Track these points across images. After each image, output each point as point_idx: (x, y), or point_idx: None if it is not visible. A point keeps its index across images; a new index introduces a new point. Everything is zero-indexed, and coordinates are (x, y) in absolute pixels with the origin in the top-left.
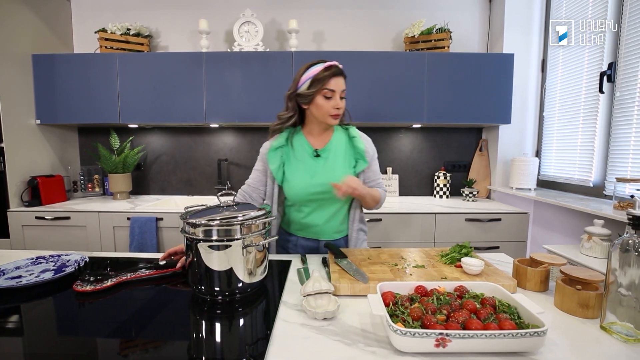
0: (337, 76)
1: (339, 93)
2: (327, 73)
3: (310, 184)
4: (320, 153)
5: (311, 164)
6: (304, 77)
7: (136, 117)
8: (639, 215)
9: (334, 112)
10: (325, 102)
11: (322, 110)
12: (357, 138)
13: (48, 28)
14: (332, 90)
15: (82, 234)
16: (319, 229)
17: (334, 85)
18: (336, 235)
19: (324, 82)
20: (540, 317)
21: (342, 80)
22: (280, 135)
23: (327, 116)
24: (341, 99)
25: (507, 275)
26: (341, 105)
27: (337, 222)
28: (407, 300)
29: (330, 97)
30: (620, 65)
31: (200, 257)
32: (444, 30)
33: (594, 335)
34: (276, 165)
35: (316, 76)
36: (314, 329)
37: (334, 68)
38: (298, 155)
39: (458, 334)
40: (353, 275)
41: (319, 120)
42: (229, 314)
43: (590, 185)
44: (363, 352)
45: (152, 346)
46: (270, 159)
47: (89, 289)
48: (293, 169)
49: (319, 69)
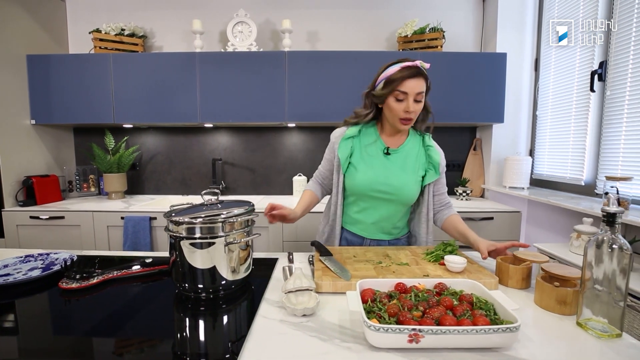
0: (414, 78)
1: (413, 96)
2: (401, 74)
3: (376, 181)
4: (392, 152)
5: (381, 161)
6: (381, 76)
7: (130, 117)
8: (612, 212)
9: (404, 116)
10: (397, 105)
11: (392, 113)
12: (433, 148)
13: (43, 29)
14: (405, 93)
15: (76, 234)
16: (367, 226)
17: (408, 88)
18: (383, 235)
19: (396, 83)
20: (514, 314)
21: (419, 83)
22: (355, 128)
23: (397, 119)
24: (417, 102)
25: (489, 273)
26: (413, 109)
27: (389, 226)
28: (385, 297)
29: (402, 99)
30: (610, 64)
31: (183, 255)
32: (437, 29)
33: (570, 332)
34: (346, 155)
35: (390, 77)
36: (292, 325)
37: (410, 69)
38: (369, 150)
39: (431, 330)
40: (336, 273)
41: (390, 122)
42: (212, 310)
43: (582, 183)
44: (338, 347)
45: (133, 342)
46: (341, 147)
47: (74, 286)
48: (361, 161)
49: (395, 70)
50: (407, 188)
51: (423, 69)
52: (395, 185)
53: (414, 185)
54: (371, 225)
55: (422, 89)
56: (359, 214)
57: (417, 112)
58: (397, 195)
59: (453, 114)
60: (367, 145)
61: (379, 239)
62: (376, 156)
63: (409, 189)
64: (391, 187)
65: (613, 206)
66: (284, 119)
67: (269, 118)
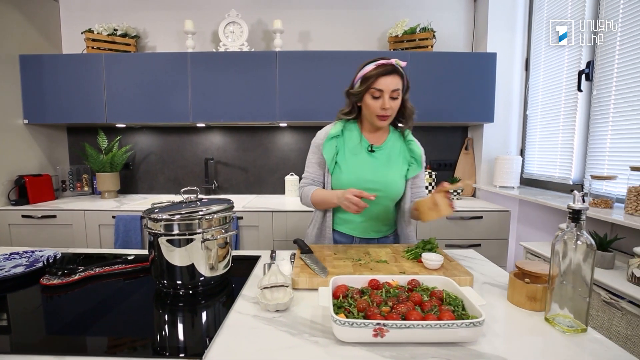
0: (389, 75)
1: (389, 93)
2: (376, 72)
3: (363, 179)
4: (376, 149)
5: (366, 159)
6: (358, 75)
7: (123, 117)
8: (577, 209)
9: (381, 113)
10: (373, 102)
11: (369, 110)
12: (414, 142)
13: (36, 29)
14: (380, 90)
15: (68, 233)
16: (356, 225)
17: (383, 85)
18: (373, 234)
19: (371, 81)
20: (480, 309)
21: (394, 80)
22: (336, 125)
23: (374, 117)
24: (393, 99)
25: (465, 270)
26: (389, 105)
27: (380, 224)
28: (357, 293)
29: (379, 97)
30: (597, 64)
31: (161, 252)
32: (428, 29)
33: (537, 327)
34: (331, 155)
35: (366, 75)
36: (264, 320)
37: (384, 67)
38: (353, 148)
39: (395, 324)
40: (313, 270)
41: (369, 120)
42: (190, 306)
43: (570, 182)
44: (306, 341)
45: (107, 337)
46: (326, 147)
47: (55, 283)
48: (347, 160)
49: (370, 68)
50: (394, 183)
51: (399, 67)
52: (382, 182)
53: (400, 180)
54: (361, 224)
55: (397, 86)
56: (348, 214)
57: (394, 109)
58: (385, 191)
59: (443, 114)
60: (351, 144)
61: (368, 237)
62: (361, 154)
63: (395, 184)
64: (378, 183)
65: (578, 203)
66: (275, 119)
67: (260, 118)
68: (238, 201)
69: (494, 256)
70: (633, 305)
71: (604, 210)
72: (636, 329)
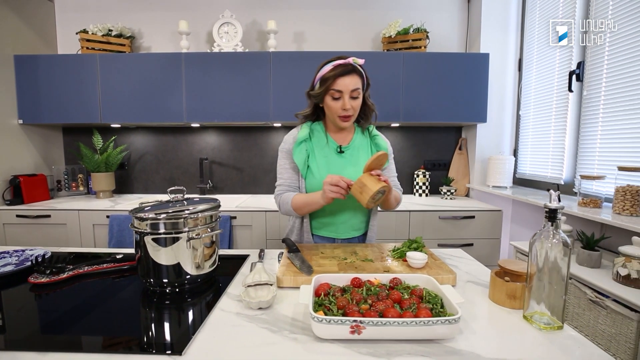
0: (347, 75)
1: (348, 93)
2: (333, 73)
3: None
4: (345, 150)
5: (336, 160)
6: (317, 76)
7: (117, 117)
8: (553, 208)
9: (342, 114)
10: (334, 103)
11: (331, 111)
12: (379, 136)
13: (31, 29)
14: (339, 91)
15: (62, 232)
16: (338, 227)
17: (341, 86)
18: (354, 232)
19: (330, 82)
20: (456, 307)
21: (353, 80)
22: (303, 128)
23: (336, 117)
24: (353, 98)
25: (449, 269)
26: (350, 106)
27: (358, 220)
28: (338, 291)
29: (339, 97)
30: (587, 65)
31: (147, 251)
32: (421, 30)
33: (515, 325)
34: (302, 159)
35: (324, 76)
36: (247, 317)
37: (342, 67)
38: (322, 150)
39: (371, 322)
40: (298, 268)
41: (332, 120)
42: (176, 304)
43: (562, 182)
44: (285, 338)
45: (90, 335)
46: (296, 153)
47: (44, 281)
48: (319, 163)
49: (328, 69)
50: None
51: (357, 66)
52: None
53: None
54: (341, 225)
55: (356, 85)
56: (327, 217)
57: (356, 109)
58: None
59: (436, 114)
60: (319, 146)
61: (350, 237)
62: (330, 156)
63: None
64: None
65: (554, 202)
66: (269, 119)
67: (254, 118)
68: (232, 201)
69: (487, 255)
70: (617, 304)
71: (593, 209)
72: (620, 327)
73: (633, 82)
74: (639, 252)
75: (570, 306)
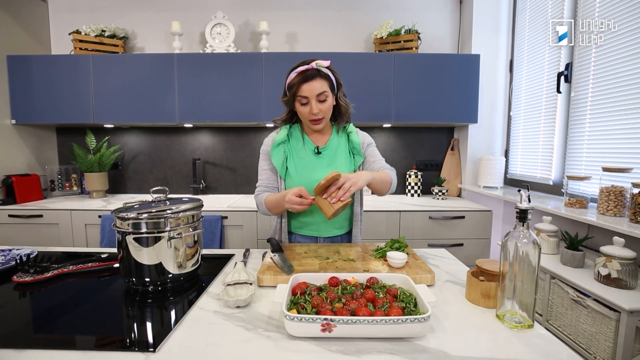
0: (310, 81)
1: (314, 98)
2: (297, 80)
3: (314, 180)
4: (322, 150)
5: (314, 161)
6: (286, 83)
7: (110, 118)
8: (524, 209)
9: (312, 117)
10: (302, 109)
11: (302, 116)
12: (353, 133)
13: (24, 30)
14: (305, 97)
15: (54, 232)
16: (319, 225)
17: (306, 92)
18: (336, 231)
19: (295, 89)
20: (428, 305)
21: (316, 84)
22: (281, 130)
23: (308, 121)
24: (321, 102)
25: (428, 268)
26: (318, 109)
27: (340, 219)
28: (315, 290)
29: (306, 103)
30: (575, 66)
31: (129, 250)
32: (412, 31)
33: (487, 323)
34: (280, 161)
35: (289, 83)
36: (224, 315)
37: (304, 73)
38: (300, 152)
39: (342, 320)
40: (279, 267)
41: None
42: (158, 302)
43: (551, 183)
44: (259, 336)
45: (68, 333)
46: (274, 155)
47: (27, 280)
48: (296, 165)
49: (292, 76)
50: None
51: (321, 69)
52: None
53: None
54: (323, 224)
55: (322, 89)
56: (307, 216)
57: (325, 111)
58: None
59: (427, 114)
60: (297, 148)
61: (332, 235)
62: (308, 157)
63: None
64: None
65: (524, 203)
66: (261, 119)
67: (246, 118)
68: (224, 201)
69: (476, 255)
70: (598, 303)
71: (579, 210)
72: (600, 326)
73: (618, 83)
74: (618, 252)
75: (553, 306)
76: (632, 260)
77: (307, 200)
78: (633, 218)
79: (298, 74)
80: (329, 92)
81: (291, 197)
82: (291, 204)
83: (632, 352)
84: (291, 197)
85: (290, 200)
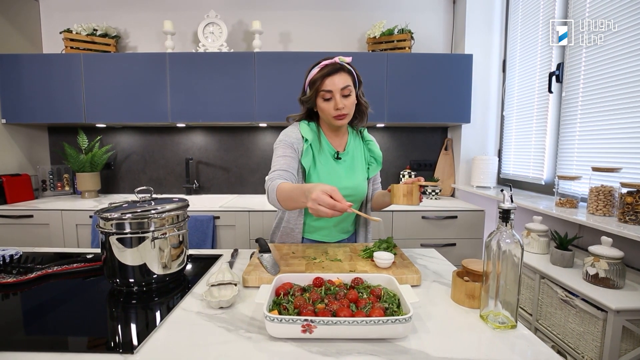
0: (335, 74)
1: (339, 92)
2: (321, 74)
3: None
4: (342, 156)
5: (334, 166)
6: (306, 80)
7: (102, 117)
8: (506, 209)
9: (336, 113)
10: (326, 105)
11: (325, 113)
12: (373, 142)
13: (15, 28)
14: (330, 91)
15: (45, 232)
16: (329, 231)
17: (330, 85)
18: (343, 235)
19: (319, 83)
20: (410, 306)
21: (341, 77)
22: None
23: (331, 118)
24: (345, 97)
25: (415, 269)
26: (343, 104)
27: (348, 224)
28: (298, 291)
29: (330, 98)
30: (566, 66)
31: (112, 251)
32: (405, 31)
33: (471, 324)
34: (309, 164)
35: (312, 79)
36: (206, 316)
37: (328, 67)
38: (320, 157)
39: (322, 321)
40: (265, 268)
41: (327, 122)
42: (142, 303)
43: (543, 183)
44: (240, 337)
45: (49, 335)
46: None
47: (10, 281)
48: (318, 169)
49: (315, 71)
50: (361, 186)
51: (344, 64)
52: (352, 187)
53: (364, 181)
54: (333, 229)
55: (346, 83)
56: (319, 221)
57: (350, 107)
58: (355, 195)
59: (421, 114)
60: (318, 152)
61: (340, 240)
62: (329, 162)
63: (362, 187)
64: (349, 189)
65: (507, 202)
66: (254, 119)
67: (238, 118)
68: (217, 201)
69: (468, 255)
70: (586, 303)
71: (570, 209)
72: (587, 325)
73: (608, 83)
74: (606, 252)
75: (543, 305)
76: (620, 259)
77: (342, 205)
78: (622, 218)
79: (321, 68)
80: (352, 88)
81: (322, 196)
82: (318, 204)
83: (618, 352)
84: (322, 195)
85: (318, 199)
